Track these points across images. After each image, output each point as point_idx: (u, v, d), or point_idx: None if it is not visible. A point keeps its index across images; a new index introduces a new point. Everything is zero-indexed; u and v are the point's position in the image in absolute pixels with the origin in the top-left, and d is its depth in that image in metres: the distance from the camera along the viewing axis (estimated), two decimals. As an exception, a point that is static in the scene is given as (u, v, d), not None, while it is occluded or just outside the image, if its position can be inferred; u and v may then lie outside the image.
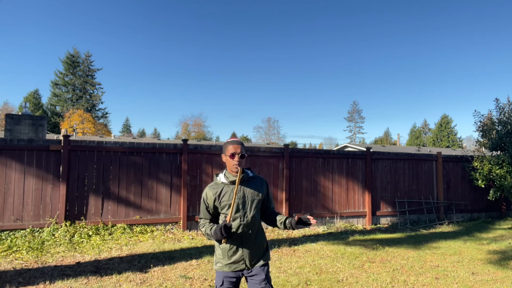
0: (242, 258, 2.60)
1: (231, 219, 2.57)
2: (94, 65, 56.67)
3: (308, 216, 2.54)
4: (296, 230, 2.69)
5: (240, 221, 2.59)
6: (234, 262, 2.60)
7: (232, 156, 2.58)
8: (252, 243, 2.62)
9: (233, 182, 2.61)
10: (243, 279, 2.79)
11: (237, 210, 2.59)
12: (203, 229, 2.64)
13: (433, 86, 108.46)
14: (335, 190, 9.82)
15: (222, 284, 2.62)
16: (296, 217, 2.57)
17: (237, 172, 2.57)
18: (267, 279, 2.64)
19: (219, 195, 2.61)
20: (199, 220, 2.75)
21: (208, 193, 2.64)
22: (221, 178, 2.67)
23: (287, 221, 2.66)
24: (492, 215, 11.61)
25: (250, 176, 2.70)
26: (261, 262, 2.66)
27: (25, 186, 7.24)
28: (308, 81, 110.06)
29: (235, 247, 2.59)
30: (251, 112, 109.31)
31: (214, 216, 2.69)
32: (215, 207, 2.64)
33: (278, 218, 2.76)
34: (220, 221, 2.66)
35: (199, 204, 8.55)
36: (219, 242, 2.59)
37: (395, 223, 10.28)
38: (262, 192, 2.70)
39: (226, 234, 2.42)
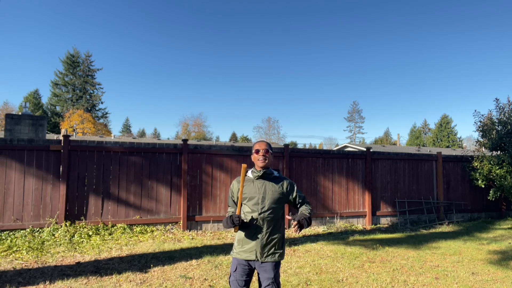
0: (253, 249, 2.79)
1: (250, 211, 2.83)
2: (94, 65, 56.74)
3: (293, 223, 2.79)
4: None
5: (258, 214, 2.80)
6: (246, 251, 2.81)
7: (257, 152, 2.88)
8: (266, 238, 2.80)
9: (257, 177, 2.87)
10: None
11: (256, 203, 2.82)
12: (224, 218, 2.89)
13: (433, 86, 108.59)
14: (335, 190, 9.82)
15: (236, 270, 2.83)
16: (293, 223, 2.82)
17: (261, 168, 2.85)
18: (275, 278, 2.80)
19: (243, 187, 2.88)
20: (228, 209, 3.07)
21: (235, 184, 2.97)
22: (249, 173, 2.96)
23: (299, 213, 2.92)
24: (492, 215, 11.61)
25: (274, 175, 2.95)
26: (273, 259, 2.80)
27: (25, 186, 7.24)
28: (308, 81, 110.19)
29: (249, 237, 2.81)
30: (251, 112, 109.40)
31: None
32: (237, 198, 2.90)
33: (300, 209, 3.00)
34: (242, 213, 2.89)
35: (199, 204, 8.57)
36: (234, 230, 2.83)
37: (395, 223, 10.28)
38: (283, 191, 2.90)
39: (232, 225, 2.71)
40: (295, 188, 3.02)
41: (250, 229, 2.81)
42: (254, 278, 3.04)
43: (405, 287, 4.89)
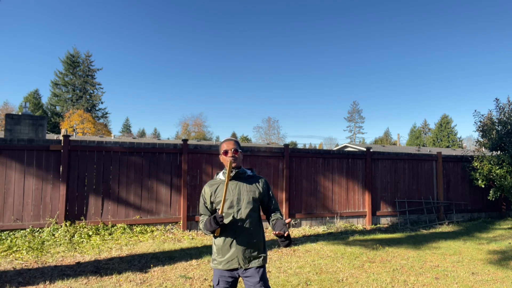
0: (235, 256, 2.58)
1: (224, 214, 2.59)
2: (94, 65, 56.75)
3: (280, 232, 2.50)
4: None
5: (234, 217, 2.60)
6: (226, 260, 2.59)
7: (225, 153, 2.66)
8: (246, 242, 2.59)
9: (231, 179, 2.66)
10: (241, 280, 2.78)
11: (231, 206, 2.61)
12: (201, 225, 2.68)
13: (433, 86, 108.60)
14: (335, 190, 9.82)
15: (218, 283, 2.62)
16: (275, 232, 2.54)
17: (233, 168, 2.64)
18: (263, 280, 2.61)
19: (215, 191, 2.68)
20: (199, 217, 2.80)
21: (206, 189, 2.73)
22: (220, 175, 2.76)
23: (273, 224, 2.66)
24: (492, 215, 11.61)
25: (248, 174, 2.75)
26: (256, 264, 2.61)
27: (25, 186, 7.24)
28: (308, 81, 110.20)
29: (228, 244, 2.59)
30: (251, 112, 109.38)
31: (212, 213, 2.74)
32: (211, 203, 2.70)
33: (271, 218, 2.76)
34: None
35: (199, 203, 8.55)
36: (213, 234, 2.59)
37: (395, 223, 10.28)
38: (259, 191, 2.71)
39: (216, 225, 2.46)
40: (270, 187, 2.83)
41: (227, 234, 2.59)
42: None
43: (405, 287, 4.89)
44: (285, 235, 2.50)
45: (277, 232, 2.51)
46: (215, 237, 2.65)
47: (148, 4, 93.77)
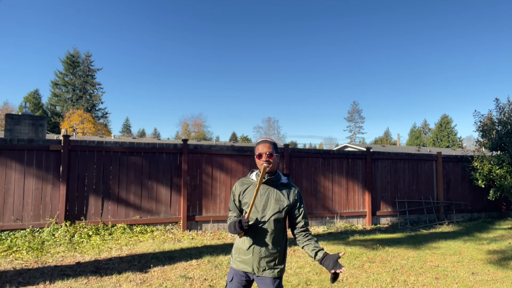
0: (250, 261, 2.50)
1: (249, 218, 2.52)
2: (94, 65, 56.80)
3: (339, 271, 2.33)
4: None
5: (256, 223, 2.50)
6: (242, 262, 2.53)
7: (259, 156, 2.51)
8: (263, 249, 2.49)
9: (261, 183, 2.53)
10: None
11: (255, 211, 2.51)
12: (228, 223, 2.62)
13: (433, 86, 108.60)
14: (335, 190, 9.82)
15: (232, 280, 2.58)
16: (332, 271, 2.35)
17: (268, 172, 2.53)
18: None
19: (244, 191, 2.61)
20: (228, 213, 2.78)
21: (237, 186, 2.65)
22: (253, 176, 2.65)
23: (321, 259, 2.44)
24: (492, 215, 11.61)
25: (282, 182, 2.60)
26: (271, 275, 2.49)
27: (25, 186, 7.24)
28: (308, 81, 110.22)
29: (246, 247, 2.52)
30: (251, 112, 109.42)
31: (240, 211, 2.69)
32: (239, 201, 2.63)
33: (307, 247, 2.54)
34: None
35: (199, 204, 8.57)
36: (239, 236, 2.55)
37: (395, 223, 10.28)
38: (289, 201, 2.55)
39: (241, 230, 2.41)
40: (302, 200, 2.62)
41: (248, 238, 2.52)
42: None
43: (405, 287, 4.88)
44: (338, 272, 2.34)
45: (335, 271, 2.32)
46: (240, 236, 2.59)
47: (148, 4, 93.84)
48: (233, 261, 2.60)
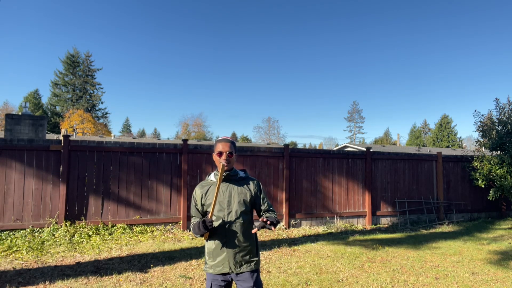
0: (226, 260, 2.51)
1: (214, 218, 2.53)
2: (94, 65, 56.76)
3: (266, 220, 2.43)
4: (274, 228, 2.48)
5: (224, 220, 2.52)
6: (218, 264, 2.53)
7: (220, 154, 2.56)
8: (236, 246, 2.52)
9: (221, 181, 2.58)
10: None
11: (221, 209, 2.53)
12: (191, 228, 2.61)
13: (433, 86, 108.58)
14: (335, 190, 9.81)
15: (211, 287, 2.56)
16: (264, 219, 2.45)
17: (227, 170, 2.57)
18: (257, 285, 2.55)
19: (205, 193, 2.61)
20: (191, 219, 2.73)
21: (197, 191, 2.66)
22: (211, 177, 2.68)
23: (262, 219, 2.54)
24: (492, 215, 11.61)
25: (240, 176, 2.66)
26: (248, 268, 2.54)
27: (25, 186, 7.24)
28: (308, 81, 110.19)
29: (219, 248, 2.53)
30: (251, 112, 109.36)
31: (203, 215, 2.66)
32: (202, 205, 2.63)
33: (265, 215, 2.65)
34: None
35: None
36: (203, 237, 2.56)
37: (395, 223, 10.28)
38: (251, 193, 2.62)
39: (205, 229, 2.41)
40: (262, 189, 2.72)
41: (218, 238, 2.52)
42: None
43: (405, 287, 4.88)
44: (268, 222, 2.41)
45: (265, 220, 2.41)
46: (206, 240, 2.60)
47: (148, 4, 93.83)
48: (208, 266, 2.58)
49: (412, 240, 7.91)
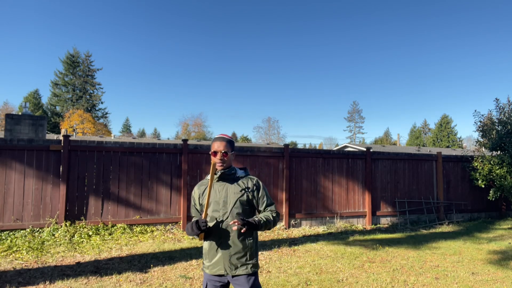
0: (221, 263, 2.43)
1: (209, 218, 2.46)
2: (94, 65, 56.73)
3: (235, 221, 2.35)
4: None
5: (219, 220, 2.45)
6: (213, 265, 2.46)
7: (214, 154, 2.49)
8: (232, 247, 2.43)
9: (217, 180, 2.52)
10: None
11: (217, 209, 2.46)
12: (186, 228, 2.55)
13: (433, 86, 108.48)
14: (335, 190, 9.81)
15: (206, 287, 2.52)
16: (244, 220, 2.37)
17: (222, 169, 2.51)
18: None
19: (202, 192, 2.58)
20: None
21: (195, 190, 2.63)
22: (209, 176, 2.62)
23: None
24: (492, 215, 11.61)
25: (238, 175, 2.58)
26: (244, 272, 2.44)
27: (25, 186, 7.24)
28: (308, 81, 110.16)
29: (214, 249, 2.46)
30: (251, 112, 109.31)
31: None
32: (200, 205, 2.59)
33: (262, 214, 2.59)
34: None
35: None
36: (199, 238, 2.49)
37: (395, 223, 10.28)
38: (248, 192, 2.52)
39: (198, 230, 2.33)
40: (262, 187, 2.59)
41: (213, 239, 2.45)
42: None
43: (405, 287, 4.89)
44: (239, 224, 2.30)
45: (243, 219, 2.32)
46: (203, 241, 2.55)
47: (148, 4, 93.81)
48: (205, 267, 2.52)
49: (412, 240, 7.91)
